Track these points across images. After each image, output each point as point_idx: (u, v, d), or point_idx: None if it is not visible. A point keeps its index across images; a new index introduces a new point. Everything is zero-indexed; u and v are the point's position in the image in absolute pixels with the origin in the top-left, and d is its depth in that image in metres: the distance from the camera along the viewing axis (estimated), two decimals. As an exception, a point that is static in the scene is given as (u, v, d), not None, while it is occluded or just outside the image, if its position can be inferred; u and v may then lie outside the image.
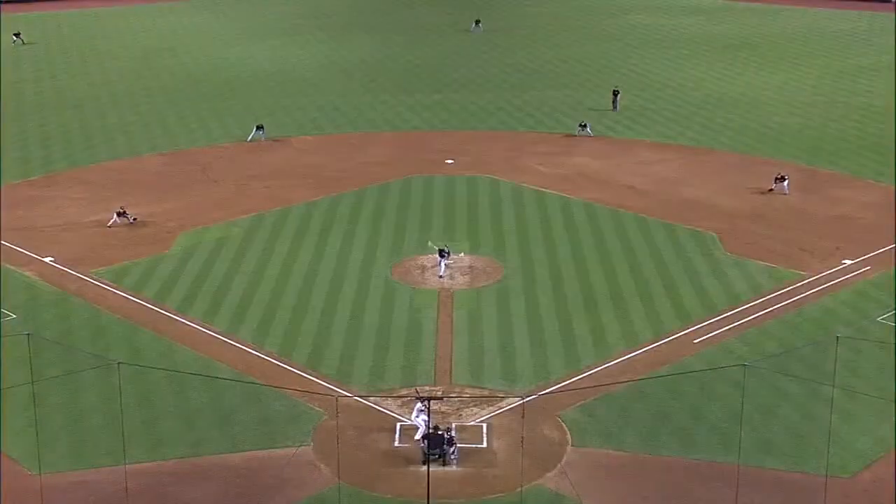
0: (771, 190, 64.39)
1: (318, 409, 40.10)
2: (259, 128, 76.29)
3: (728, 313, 48.37)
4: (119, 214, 58.91)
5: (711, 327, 47.04)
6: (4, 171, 68.61)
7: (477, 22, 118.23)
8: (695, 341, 45.84)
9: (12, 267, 53.37)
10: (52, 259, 54.32)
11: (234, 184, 66.93)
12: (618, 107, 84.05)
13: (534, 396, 40.42)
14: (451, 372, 43.28)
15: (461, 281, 52.07)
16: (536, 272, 52.95)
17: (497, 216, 61.04)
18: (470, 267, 53.55)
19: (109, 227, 58.51)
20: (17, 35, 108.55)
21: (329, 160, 72.20)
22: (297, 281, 51.89)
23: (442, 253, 52.40)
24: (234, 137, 76.90)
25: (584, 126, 77.36)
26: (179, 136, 78.01)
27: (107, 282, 51.72)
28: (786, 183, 64.24)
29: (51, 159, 72.22)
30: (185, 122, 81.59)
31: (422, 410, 38.03)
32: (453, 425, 38.35)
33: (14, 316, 47.87)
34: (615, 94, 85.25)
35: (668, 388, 41.68)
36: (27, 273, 52.71)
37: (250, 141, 75.42)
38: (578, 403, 40.53)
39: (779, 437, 38.65)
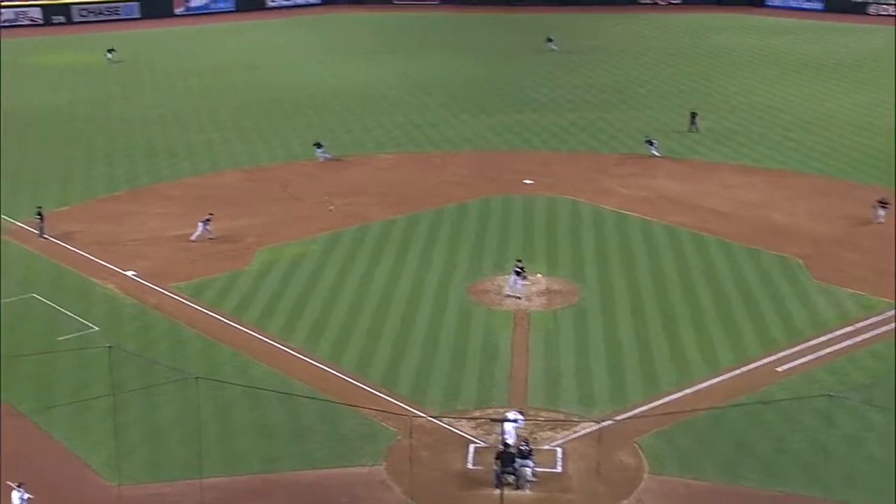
0: (872, 216, 61.85)
1: (391, 428, 39.89)
2: (318, 145, 76.27)
3: (814, 341, 47.06)
4: (204, 222, 59.34)
5: (796, 355, 45.77)
6: (92, 187, 70.19)
7: (549, 39, 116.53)
8: (778, 369, 44.65)
9: (95, 280, 54.34)
10: (135, 273, 55.14)
11: (313, 200, 67.37)
12: (697, 128, 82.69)
13: (610, 422, 39.64)
14: (526, 394, 42.76)
15: (538, 302, 51.53)
16: (615, 295, 52.17)
17: (576, 237, 60.39)
18: (547, 288, 53.01)
19: (193, 240, 59.10)
20: (110, 51, 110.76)
21: (408, 178, 72.30)
22: (374, 299, 51.89)
23: (518, 272, 51.78)
24: (313, 155, 77.50)
25: (651, 143, 76.34)
26: (260, 152, 78.88)
27: (186, 296, 52.32)
28: (883, 211, 61.75)
29: (135, 174, 73.57)
30: (265, 138, 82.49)
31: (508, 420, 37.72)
32: (528, 440, 37.67)
33: (96, 328, 48.69)
34: (693, 116, 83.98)
35: (750, 417, 40.61)
36: (109, 286, 53.58)
37: (322, 160, 75.39)
38: (656, 430, 39.70)
39: (865, 471, 37.33)
